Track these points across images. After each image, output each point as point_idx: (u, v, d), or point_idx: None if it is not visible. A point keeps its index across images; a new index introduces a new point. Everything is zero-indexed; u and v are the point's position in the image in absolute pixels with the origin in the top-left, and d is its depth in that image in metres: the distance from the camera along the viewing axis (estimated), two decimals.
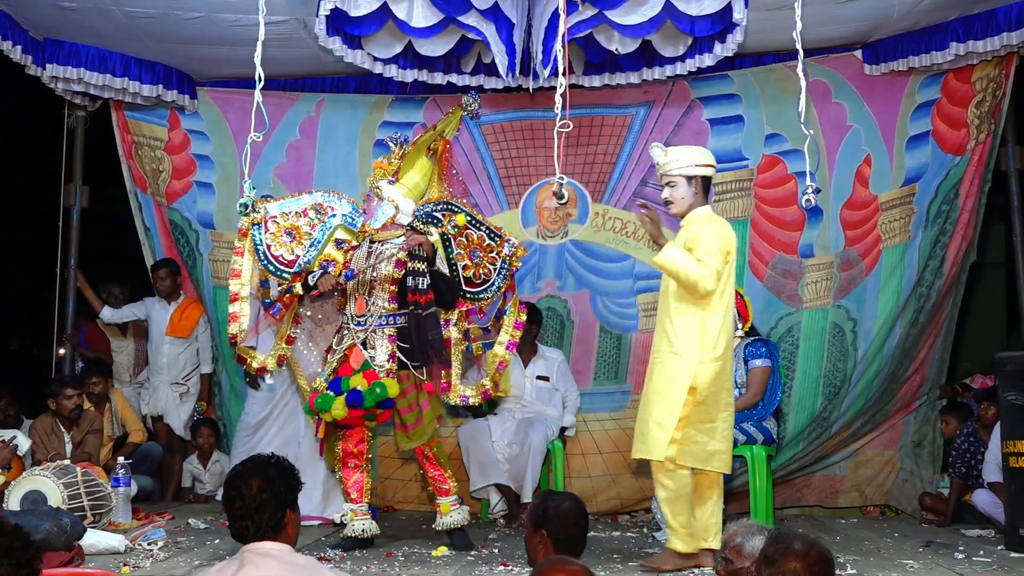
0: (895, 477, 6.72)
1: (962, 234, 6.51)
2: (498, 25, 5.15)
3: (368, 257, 5.07)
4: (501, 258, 5.24)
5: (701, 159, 4.70)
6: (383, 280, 4.99)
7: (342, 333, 5.12)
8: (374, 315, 5.00)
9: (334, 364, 5.03)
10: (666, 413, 4.49)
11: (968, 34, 5.85)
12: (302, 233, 5.23)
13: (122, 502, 5.64)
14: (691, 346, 4.51)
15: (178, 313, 7.00)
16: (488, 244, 5.27)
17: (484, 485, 6.18)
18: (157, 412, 7.06)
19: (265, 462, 2.85)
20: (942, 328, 6.72)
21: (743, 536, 3.23)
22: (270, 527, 2.74)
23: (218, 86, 6.92)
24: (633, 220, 6.77)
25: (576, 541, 3.29)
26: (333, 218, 5.29)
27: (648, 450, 4.54)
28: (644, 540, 5.52)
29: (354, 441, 5.10)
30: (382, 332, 5.00)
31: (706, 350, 4.51)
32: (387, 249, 5.06)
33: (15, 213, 9.72)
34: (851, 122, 6.56)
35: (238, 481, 2.78)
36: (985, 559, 4.75)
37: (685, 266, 4.45)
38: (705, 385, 4.49)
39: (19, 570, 2.32)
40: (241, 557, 2.71)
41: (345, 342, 5.05)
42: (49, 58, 6.19)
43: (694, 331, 4.52)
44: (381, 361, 4.95)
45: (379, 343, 4.99)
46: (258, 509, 2.73)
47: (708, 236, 4.52)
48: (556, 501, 3.36)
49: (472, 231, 5.27)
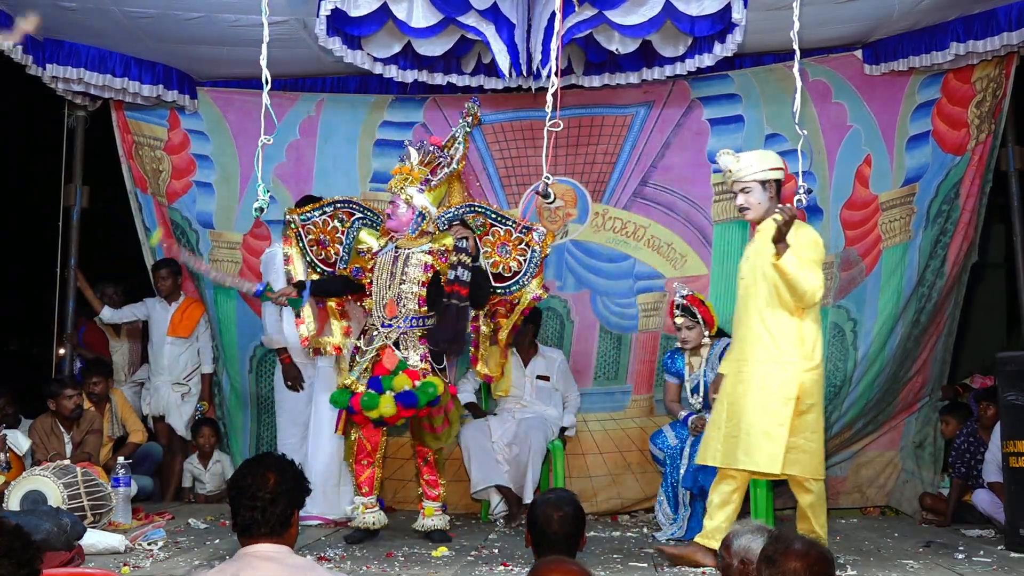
0: (896, 478, 6.72)
1: (963, 234, 6.51)
2: (498, 25, 5.15)
3: (395, 262, 5.22)
4: (531, 248, 5.36)
5: (774, 163, 4.69)
6: (413, 283, 5.17)
7: (370, 334, 5.28)
8: (406, 317, 5.18)
9: (366, 364, 5.20)
10: (773, 423, 4.42)
11: (968, 34, 5.85)
12: (334, 238, 5.51)
13: (122, 502, 5.64)
14: (794, 354, 4.46)
15: (179, 313, 7.00)
16: (516, 237, 5.39)
17: (485, 487, 6.18)
18: (158, 412, 7.06)
19: (280, 459, 2.84)
20: (943, 328, 6.72)
21: (742, 536, 3.23)
22: (279, 523, 2.74)
23: (218, 86, 6.93)
24: (633, 220, 6.78)
25: (571, 540, 3.28)
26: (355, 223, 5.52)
27: (755, 462, 4.47)
28: (644, 540, 5.52)
29: (369, 438, 5.25)
30: (413, 334, 5.20)
31: (807, 358, 4.48)
32: (414, 254, 5.23)
33: (15, 213, 9.72)
34: (851, 122, 6.56)
35: (254, 473, 2.76)
36: (985, 559, 4.75)
37: (805, 275, 4.37)
38: (808, 393, 4.47)
39: (20, 570, 2.32)
40: (240, 560, 2.71)
41: (376, 343, 5.21)
42: (49, 58, 6.18)
43: (793, 338, 4.47)
44: (415, 362, 5.14)
45: (411, 345, 5.19)
46: (273, 502, 2.72)
47: (807, 244, 4.45)
48: (550, 500, 3.35)
49: (498, 227, 5.41)
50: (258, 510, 2.72)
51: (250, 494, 2.73)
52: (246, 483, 2.76)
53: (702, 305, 5.78)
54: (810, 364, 4.47)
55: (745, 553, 3.08)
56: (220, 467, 6.96)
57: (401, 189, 5.26)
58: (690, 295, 5.78)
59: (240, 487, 2.77)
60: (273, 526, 2.73)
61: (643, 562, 4.78)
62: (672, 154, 6.74)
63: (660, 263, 6.75)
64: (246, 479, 2.77)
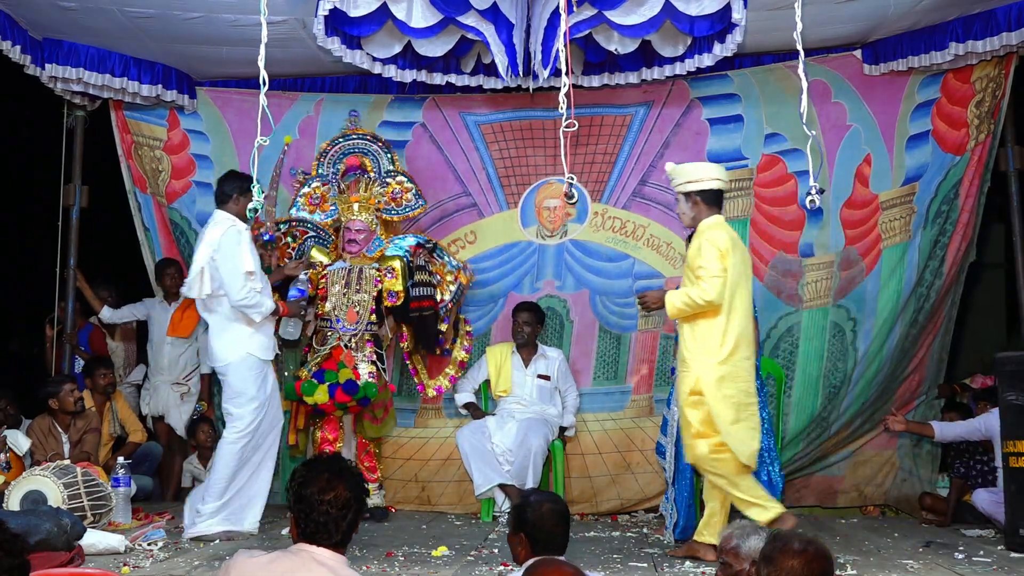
0: (894, 477, 6.72)
1: (962, 234, 6.51)
2: (497, 25, 5.15)
3: (348, 275, 6.12)
4: (459, 283, 6.36)
5: (693, 175, 4.89)
6: (365, 294, 6.08)
7: (324, 334, 6.11)
8: (363, 324, 6.06)
9: (318, 360, 6.04)
10: (693, 423, 4.73)
11: (968, 34, 5.85)
12: (284, 252, 6.25)
13: (122, 502, 5.64)
14: (697, 354, 4.74)
15: (179, 313, 6.99)
16: (449, 271, 6.34)
17: (489, 488, 6.18)
18: (158, 412, 7.06)
19: (346, 467, 2.79)
20: (941, 327, 6.72)
21: (739, 537, 3.23)
22: (344, 536, 2.71)
23: (217, 86, 6.93)
24: (632, 220, 6.78)
25: (556, 542, 3.27)
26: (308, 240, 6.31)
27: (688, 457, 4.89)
28: (644, 540, 5.51)
29: (329, 429, 6.08)
30: (363, 337, 6.08)
31: (712, 354, 4.69)
32: (366, 269, 6.13)
33: (15, 213, 9.70)
34: (851, 122, 6.57)
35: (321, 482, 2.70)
36: (985, 559, 4.75)
37: (686, 298, 4.71)
38: (713, 388, 4.66)
39: (13, 559, 2.33)
40: (297, 555, 2.68)
41: (329, 343, 6.06)
42: (48, 58, 6.19)
43: (701, 339, 4.74)
44: (365, 362, 6.04)
45: (364, 347, 6.08)
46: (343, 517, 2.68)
47: (698, 251, 4.76)
48: (535, 502, 3.35)
49: (436, 260, 6.33)
50: (328, 524, 2.67)
51: (318, 506, 2.67)
52: (310, 492, 2.69)
53: None
54: (716, 359, 4.68)
55: (757, 555, 3.09)
56: None
57: (355, 215, 6.20)
58: None
59: (304, 496, 2.69)
60: (338, 539, 2.70)
61: (643, 562, 4.78)
62: (672, 154, 6.73)
63: (659, 262, 6.76)
64: (310, 487, 2.70)
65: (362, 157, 6.40)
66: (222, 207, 5.39)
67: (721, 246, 4.70)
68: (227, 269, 5.19)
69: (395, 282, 6.10)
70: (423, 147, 6.87)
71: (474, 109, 6.90)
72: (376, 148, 6.44)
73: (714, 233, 4.76)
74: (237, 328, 5.32)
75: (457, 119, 6.92)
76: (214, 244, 5.22)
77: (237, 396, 5.31)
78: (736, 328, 4.70)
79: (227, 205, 5.37)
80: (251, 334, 5.34)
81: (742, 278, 4.74)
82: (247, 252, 5.25)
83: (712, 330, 4.70)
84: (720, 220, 4.85)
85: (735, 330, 4.70)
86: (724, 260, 4.68)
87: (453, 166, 6.88)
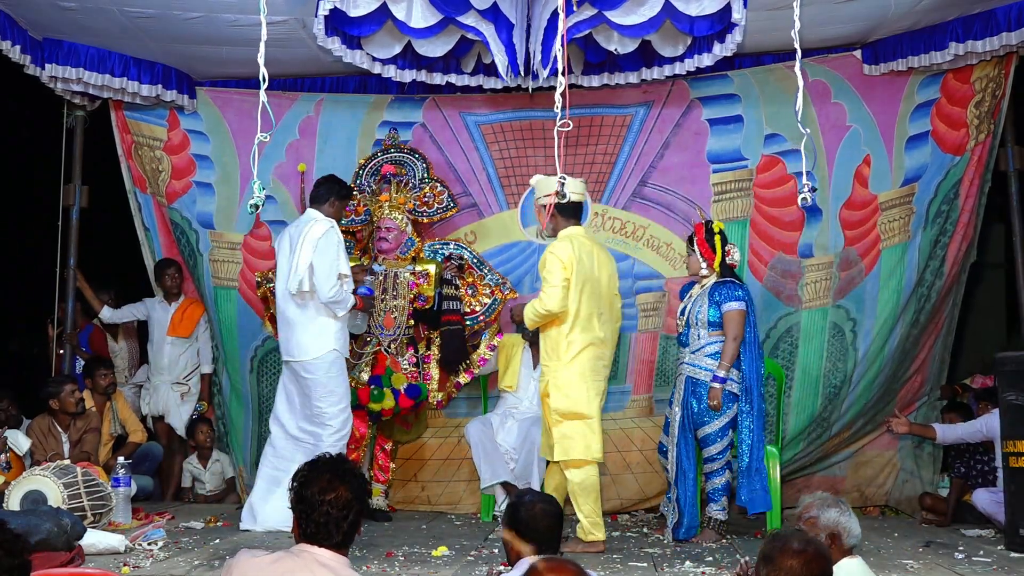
0: (895, 478, 6.72)
1: (962, 234, 6.51)
2: (497, 25, 5.15)
3: (384, 280, 6.12)
4: (495, 298, 6.37)
5: (539, 191, 5.23)
6: (402, 299, 6.13)
7: (363, 339, 6.07)
8: (400, 329, 6.14)
9: (362, 366, 6.06)
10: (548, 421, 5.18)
11: (967, 34, 5.85)
12: None
13: (122, 502, 5.64)
14: (547, 359, 5.16)
15: (179, 313, 7.00)
16: (486, 283, 6.37)
17: (493, 483, 6.19)
18: (158, 412, 7.07)
19: (349, 468, 2.79)
20: (942, 328, 6.72)
21: (819, 508, 3.32)
22: (346, 538, 2.71)
23: (217, 86, 6.93)
24: (632, 220, 6.78)
25: (549, 540, 3.28)
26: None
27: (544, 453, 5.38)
28: (644, 540, 5.52)
29: (359, 427, 5.94)
30: (402, 343, 6.16)
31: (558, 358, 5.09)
32: (401, 274, 6.17)
33: (15, 213, 9.71)
34: (850, 122, 6.56)
35: (323, 483, 2.71)
36: (985, 559, 4.76)
37: (532, 310, 5.11)
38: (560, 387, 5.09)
39: (13, 559, 2.34)
40: (299, 556, 2.68)
41: (370, 347, 6.08)
42: (48, 58, 6.19)
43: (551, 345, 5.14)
44: (407, 366, 6.12)
45: (404, 351, 6.16)
46: (344, 518, 2.70)
47: (543, 263, 5.13)
48: (528, 502, 3.35)
49: (475, 270, 6.37)
50: (329, 525, 2.68)
51: (319, 506, 2.68)
52: (311, 492, 2.69)
53: (703, 238, 5.54)
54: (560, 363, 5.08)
55: (835, 527, 3.26)
56: (219, 467, 6.97)
57: (389, 214, 6.20)
58: (699, 223, 5.63)
59: (305, 496, 2.70)
60: (346, 537, 2.71)
61: (643, 562, 4.78)
62: (671, 154, 6.74)
63: (659, 263, 6.76)
64: (311, 487, 2.70)
65: (398, 166, 6.42)
66: (316, 206, 5.55)
67: (564, 258, 5.03)
68: (323, 267, 5.32)
69: (427, 287, 6.21)
70: (423, 147, 6.86)
71: (474, 109, 6.90)
72: (412, 159, 6.48)
73: (558, 245, 5.10)
74: (323, 323, 5.43)
75: (457, 119, 6.92)
76: (315, 242, 5.34)
77: (330, 394, 5.42)
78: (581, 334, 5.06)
79: (322, 206, 5.54)
80: (338, 329, 5.47)
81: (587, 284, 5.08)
82: (343, 254, 5.45)
83: (558, 337, 5.08)
84: (574, 232, 5.19)
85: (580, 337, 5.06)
86: (566, 271, 5.01)
87: (453, 166, 6.88)
